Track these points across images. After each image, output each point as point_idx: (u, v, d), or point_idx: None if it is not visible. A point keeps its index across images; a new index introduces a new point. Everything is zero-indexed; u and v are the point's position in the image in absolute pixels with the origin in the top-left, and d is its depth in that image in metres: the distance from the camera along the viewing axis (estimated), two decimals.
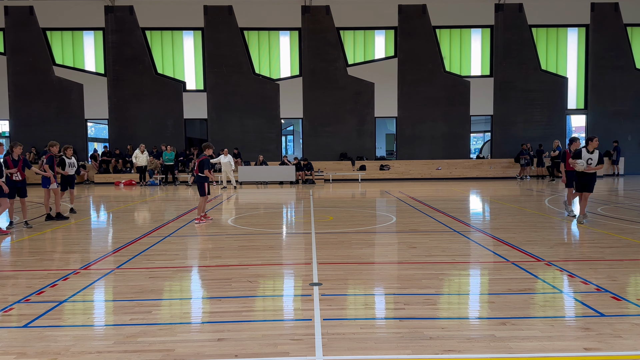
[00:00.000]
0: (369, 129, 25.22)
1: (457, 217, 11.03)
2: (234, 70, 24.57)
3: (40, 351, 3.94)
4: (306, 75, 24.80)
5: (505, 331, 4.27)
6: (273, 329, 4.39)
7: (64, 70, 24.43)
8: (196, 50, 24.89)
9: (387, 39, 25.17)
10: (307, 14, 24.53)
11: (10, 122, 24.52)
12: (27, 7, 24.01)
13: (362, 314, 4.85)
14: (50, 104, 24.32)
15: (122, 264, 6.94)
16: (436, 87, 24.95)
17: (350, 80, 24.84)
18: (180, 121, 24.84)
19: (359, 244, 8.22)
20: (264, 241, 8.68)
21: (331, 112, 24.88)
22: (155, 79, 24.55)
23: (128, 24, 24.23)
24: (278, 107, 24.89)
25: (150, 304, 5.19)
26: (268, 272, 6.52)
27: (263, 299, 5.40)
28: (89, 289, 5.79)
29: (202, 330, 4.44)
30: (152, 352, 3.92)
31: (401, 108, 25.11)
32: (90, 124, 25.50)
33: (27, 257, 7.54)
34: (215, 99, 24.68)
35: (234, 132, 24.45)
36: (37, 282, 5.99)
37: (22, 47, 24.18)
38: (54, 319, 4.72)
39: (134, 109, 24.53)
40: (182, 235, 9.29)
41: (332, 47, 24.72)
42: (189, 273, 6.67)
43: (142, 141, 24.22)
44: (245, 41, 24.68)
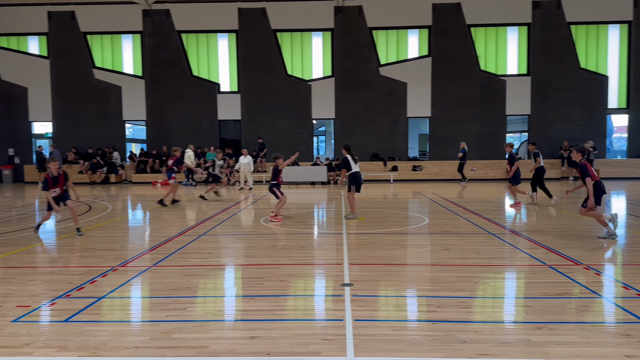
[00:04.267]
0: (401, 129, 25.02)
1: (492, 219, 10.82)
2: (266, 72, 24.79)
3: (79, 345, 4.08)
4: (338, 75, 24.80)
5: (542, 336, 4.17)
6: (304, 329, 4.42)
7: (104, 73, 25.16)
8: (230, 52, 25.24)
9: (421, 38, 24.91)
10: (340, 15, 24.53)
11: (53, 124, 25.42)
12: (68, 12, 24.85)
13: (393, 316, 4.82)
14: (91, 106, 25.09)
15: (158, 261, 7.11)
16: (471, 86, 24.54)
17: (383, 80, 24.70)
18: (215, 122, 25.23)
19: (391, 245, 8.17)
20: (295, 241, 8.72)
21: (363, 112, 24.80)
22: (191, 80, 25.01)
23: (165, 27, 24.78)
24: (310, 108, 24.98)
25: (185, 301, 5.29)
26: (299, 271, 6.56)
27: (295, 299, 5.43)
28: (127, 285, 5.96)
29: (235, 328, 4.51)
30: (186, 348, 4.00)
31: (434, 108, 24.81)
32: (128, 125, 26.18)
33: (68, 254, 7.81)
34: (249, 100, 24.96)
35: (266, 133, 24.67)
36: (77, 278, 6.20)
37: (64, 51, 25.04)
38: (93, 314, 4.88)
39: (170, 111, 25.06)
40: (216, 234, 9.44)
41: (365, 47, 24.64)
42: (222, 271, 6.77)
43: (177, 142, 24.64)
44: (278, 43, 24.87)
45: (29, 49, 25.54)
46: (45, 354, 3.91)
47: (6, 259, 7.42)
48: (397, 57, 24.95)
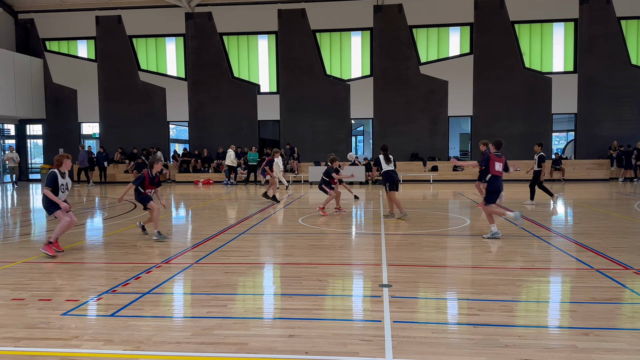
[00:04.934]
0: (441, 128, 24.63)
1: (537, 221, 10.51)
2: (305, 72, 24.92)
3: (125, 339, 4.21)
4: (377, 75, 24.65)
5: (588, 342, 4.02)
6: (343, 329, 4.42)
7: (148, 75, 25.91)
8: (270, 53, 25.50)
9: (462, 35, 24.45)
10: (379, 13, 24.38)
11: (100, 124, 26.38)
12: (115, 16, 25.72)
13: (433, 318, 4.76)
14: (136, 107, 25.89)
15: (200, 259, 7.26)
16: (515, 84, 23.90)
17: (423, 79, 24.39)
18: (255, 123, 25.55)
19: (430, 246, 8.06)
20: (333, 241, 8.73)
21: (402, 111, 24.56)
22: (232, 82, 25.42)
23: (207, 30, 25.28)
24: (348, 108, 24.94)
25: (226, 298, 5.39)
26: (337, 271, 6.56)
27: (333, 298, 5.44)
28: (170, 282, 6.12)
29: (273, 325, 4.55)
30: (227, 345, 4.07)
31: (476, 106, 24.30)
32: (172, 125, 26.87)
33: (114, 250, 8.08)
34: (287, 101, 25.15)
35: (304, 133, 24.79)
36: (123, 274, 6.41)
37: (111, 54, 25.93)
38: (138, 310, 5.03)
39: (211, 112, 25.55)
40: (255, 233, 9.56)
41: (404, 46, 24.40)
42: (261, 269, 6.86)
43: (218, 142, 25.20)
44: (317, 43, 24.95)
45: (78, 52, 26.59)
46: (92, 347, 4.06)
47: (57, 254, 7.74)
48: (437, 55, 24.58)
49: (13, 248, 8.41)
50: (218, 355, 3.89)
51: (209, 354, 3.90)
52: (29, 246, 8.59)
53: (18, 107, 24.32)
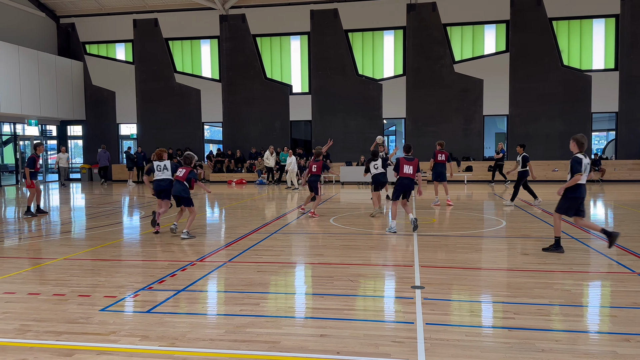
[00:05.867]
0: (476, 127, 24.20)
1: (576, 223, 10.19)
2: (337, 72, 24.91)
3: (160, 335, 4.31)
4: (410, 74, 24.42)
5: (630, 348, 3.88)
6: (374, 329, 4.40)
7: (184, 77, 26.42)
8: (302, 53, 25.60)
9: (498, 33, 23.96)
10: (413, 12, 24.16)
11: (137, 125, 27.05)
12: (152, 19, 26.33)
13: (467, 321, 4.68)
14: (172, 109, 26.43)
15: (233, 257, 7.36)
16: (552, 82, 23.26)
17: (457, 78, 24.02)
18: (287, 123, 25.71)
19: (465, 248, 7.93)
20: (364, 241, 8.70)
21: (436, 111, 24.25)
22: (265, 83, 25.65)
23: (240, 32, 25.59)
24: (380, 107, 24.80)
25: (258, 296, 5.44)
26: (369, 272, 6.54)
27: (364, 299, 5.42)
28: (204, 279, 6.22)
29: (305, 325, 4.57)
30: (259, 343, 4.12)
31: (513, 105, 23.77)
32: (206, 126, 27.31)
33: (151, 248, 8.28)
34: (319, 101, 25.20)
35: (336, 133, 24.76)
36: (159, 271, 6.56)
37: (148, 57, 26.56)
38: (173, 307, 5.14)
39: (244, 112, 25.85)
40: (287, 233, 9.63)
41: (438, 45, 24.09)
42: (293, 269, 6.90)
43: (251, 143, 25.47)
44: (350, 43, 24.90)
45: (117, 55, 27.34)
46: (129, 342, 4.17)
47: (95, 251, 7.99)
48: (472, 53, 24.16)
49: (54, 245, 8.73)
50: (250, 352, 3.93)
51: (241, 352, 3.95)
52: (70, 243, 8.89)
53: (59, 108, 25.19)
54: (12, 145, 24.88)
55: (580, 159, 7.61)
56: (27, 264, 7.22)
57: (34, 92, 23.31)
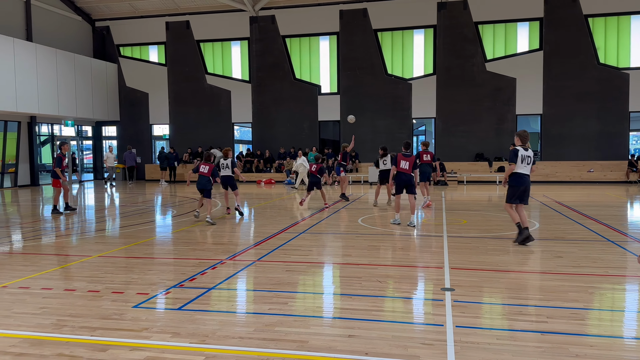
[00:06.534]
0: (509, 127, 23.73)
1: (612, 226, 9.89)
2: (366, 72, 24.81)
3: (191, 332, 4.38)
4: (440, 73, 24.13)
5: None
6: (403, 331, 4.37)
7: (215, 78, 26.78)
8: (331, 54, 25.61)
9: (531, 30, 23.44)
10: (443, 10, 23.86)
11: (170, 126, 27.56)
12: (184, 22, 26.79)
13: (498, 324, 4.60)
14: (203, 110, 26.83)
15: (262, 256, 7.43)
16: (588, 80, 22.61)
17: (489, 77, 23.61)
18: (315, 123, 25.76)
19: (496, 250, 7.79)
20: (393, 242, 8.65)
21: (466, 110, 23.89)
22: (293, 83, 25.77)
23: (270, 33, 25.78)
24: (410, 107, 24.57)
25: (287, 295, 5.48)
26: (397, 273, 6.49)
27: (393, 300, 5.39)
28: (234, 278, 6.30)
29: (333, 325, 4.57)
30: (287, 342, 4.14)
31: (547, 104, 23.21)
32: (236, 127, 27.62)
33: (182, 246, 8.43)
34: (348, 101, 25.15)
35: (364, 133, 24.65)
36: (190, 269, 6.67)
37: (180, 59, 27.03)
38: (203, 304, 5.22)
39: (273, 113, 26.02)
40: (315, 233, 9.65)
41: (469, 43, 23.72)
42: (321, 269, 6.91)
43: (280, 143, 25.62)
44: (379, 42, 24.77)
45: (150, 57, 27.91)
46: (161, 339, 4.26)
47: (129, 249, 8.19)
48: (505, 51, 23.70)
49: (89, 242, 8.98)
50: (279, 351, 3.96)
51: (270, 350, 3.98)
52: (104, 241, 9.13)
53: (95, 109, 25.88)
54: (49, 145, 25.72)
55: (516, 151, 8.04)
56: (64, 261, 7.45)
57: (71, 94, 24.02)
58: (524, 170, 8.09)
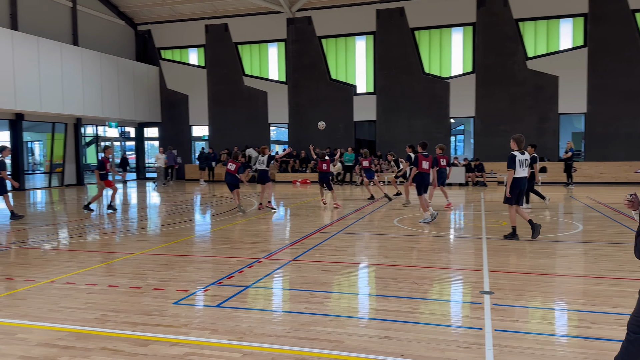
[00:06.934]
0: (551, 126, 23.04)
1: None
2: (403, 71, 24.59)
3: (228, 329, 4.46)
4: (479, 71, 23.66)
5: None
6: (440, 334, 4.31)
7: (252, 80, 27.12)
8: (367, 53, 25.51)
9: (575, 27, 22.68)
10: (483, 8, 23.39)
11: (209, 127, 28.10)
12: (222, 24, 27.24)
13: (539, 329, 4.48)
14: (241, 111, 27.22)
15: (297, 256, 7.47)
16: (636, 78, 21.68)
17: (530, 75, 22.98)
18: (351, 124, 25.71)
19: (537, 253, 7.59)
20: (430, 243, 8.54)
21: (507, 109, 23.33)
22: (329, 84, 25.80)
23: (306, 34, 25.91)
24: (448, 106, 24.20)
25: (322, 295, 5.50)
26: (434, 275, 6.41)
27: (429, 302, 5.33)
28: (270, 277, 6.37)
29: (369, 326, 4.56)
30: (323, 341, 4.16)
31: (591, 103, 22.41)
32: (272, 127, 27.89)
33: (220, 245, 8.58)
34: (384, 101, 24.99)
35: (400, 133, 24.45)
36: (228, 267, 6.78)
37: (219, 61, 27.51)
38: (240, 302, 5.30)
39: (309, 114, 26.13)
40: (350, 233, 9.64)
41: (510, 40, 23.16)
42: (356, 269, 6.90)
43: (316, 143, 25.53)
44: (416, 41, 24.51)
45: (190, 60, 28.53)
46: (199, 335, 4.35)
47: (169, 247, 8.39)
48: (547, 49, 23.03)
49: (132, 240, 9.25)
50: (315, 350, 3.97)
51: (306, 349, 4.00)
52: (145, 239, 9.40)
53: (137, 111, 26.65)
54: (94, 146, 26.64)
55: (514, 156, 8.63)
56: (107, 258, 7.71)
57: (114, 96, 24.82)
58: (522, 174, 8.62)
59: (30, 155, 27.11)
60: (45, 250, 8.30)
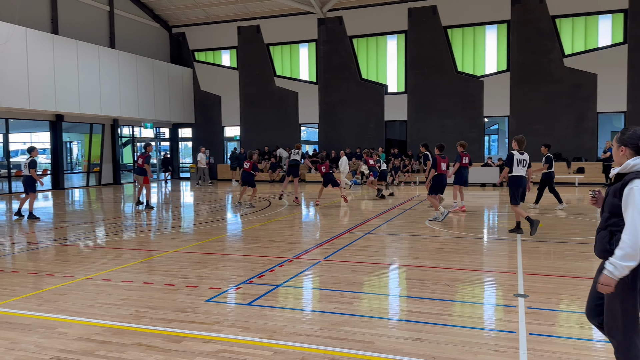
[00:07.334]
0: (589, 126, 22.36)
1: None
2: (435, 70, 24.30)
3: (260, 328, 4.50)
4: (514, 69, 23.16)
5: None
6: (472, 337, 4.24)
7: (283, 80, 27.30)
8: (399, 53, 25.32)
9: (614, 23, 21.94)
10: (518, 5, 22.89)
11: (240, 128, 28.43)
12: (254, 26, 27.52)
13: (576, 334, 4.36)
14: (272, 111, 27.44)
15: (327, 256, 7.48)
16: None
17: (567, 73, 22.36)
18: (381, 123, 25.57)
19: (575, 255, 7.38)
20: (462, 245, 8.41)
21: (542, 108, 22.76)
22: (360, 84, 25.73)
23: (337, 34, 25.90)
24: (481, 106, 23.78)
25: (352, 295, 5.48)
26: (467, 277, 6.31)
27: (462, 305, 5.25)
28: (300, 276, 6.39)
29: (400, 327, 4.53)
30: (353, 342, 4.15)
31: (631, 102, 21.63)
32: (303, 128, 28.00)
33: (252, 244, 8.67)
34: (415, 100, 24.75)
35: (432, 133, 24.15)
36: (259, 266, 6.85)
37: (250, 62, 27.79)
38: (271, 300, 5.35)
39: (340, 113, 26.12)
40: (381, 233, 9.58)
41: (546, 38, 22.59)
42: (387, 270, 6.85)
43: (346, 143, 25.66)
44: (449, 39, 24.18)
45: (222, 61, 28.94)
46: (231, 332, 4.40)
47: (202, 245, 8.53)
48: (585, 46, 22.37)
49: (166, 238, 9.44)
50: (345, 351, 3.97)
51: (336, 349, 4.00)
52: (179, 237, 9.57)
53: (172, 112, 27.20)
54: (130, 146, 27.32)
55: (512, 155, 9.11)
56: (142, 255, 7.89)
57: (150, 98, 25.39)
58: (521, 173, 9.11)
59: (69, 155, 27.98)
60: (83, 248, 8.55)
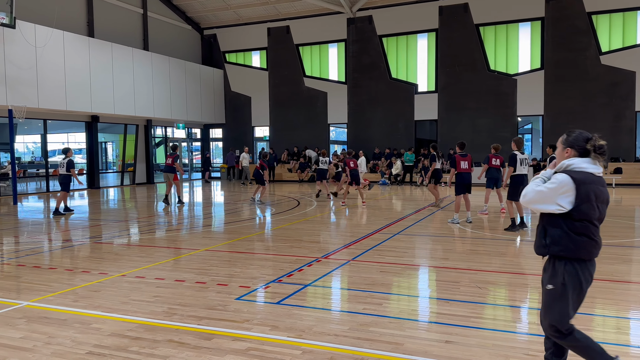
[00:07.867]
0: (627, 125, 21.64)
1: None
2: (466, 69, 23.93)
3: (288, 327, 4.53)
4: (549, 67, 22.60)
5: None
6: (504, 340, 4.17)
7: (312, 81, 27.36)
8: (429, 51, 25.05)
9: None
10: (552, 1, 22.33)
11: (270, 128, 28.64)
12: (284, 27, 27.68)
13: (612, 338, 4.23)
14: (301, 111, 27.55)
15: (356, 256, 7.47)
16: None
17: (604, 70, 21.69)
18: (411, 123, 25.34)
19: (611, 258, 7.15)
20: (494, 247, 8.27)
21: (578, 107, 22.15)
22: (389, 83, 25.56)
23: (367, 33, 25.80)
24: (514, 104, 23.30)
25: (381, 296, 5.46)
26: (499, 279, 6.20)
27: (493, 308, 5.16)
28: (328, 276, 6.40)
29: (429, 329, 4.48)
30: (382, 343, 4.13)
31: None
32: (332, 128, 28.01)
33: (281, 243, 8.73)
34: (446, 99, 24.43)
35: (463, 132, 23.78)
36: (288, 265, 6.89)
37: (280, 63, 27.97)
38: (300, 300, 5.37)
39: (369, 113, 26.01)
40: (410, 234, 9.50)
41: (582, 35, 21.97)
42: (416, 271, 6.79)
43: (375, 143, 25.55)
44: (481, 38, 23.78)
45: (252, 62, 29.22)
46: (260, 331, 4.45)
47: (232, 244, 8.64)
48: (622, 43, 21.65)
49: (197, 237, 9.60)
50: (374, 352, 3.96)
51: (365, 350, 3.99)
52: (210, 236, 9.72)
53: (203, 113, 27.63)
54: (163, 146, 27.87)
55: (515, 155, 9.56)
56: (174, 253, 8.04)
57: (182, 99, 25.85)
58: (523, 171, 9.55)
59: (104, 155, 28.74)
60: (118, 245, 8.78)
